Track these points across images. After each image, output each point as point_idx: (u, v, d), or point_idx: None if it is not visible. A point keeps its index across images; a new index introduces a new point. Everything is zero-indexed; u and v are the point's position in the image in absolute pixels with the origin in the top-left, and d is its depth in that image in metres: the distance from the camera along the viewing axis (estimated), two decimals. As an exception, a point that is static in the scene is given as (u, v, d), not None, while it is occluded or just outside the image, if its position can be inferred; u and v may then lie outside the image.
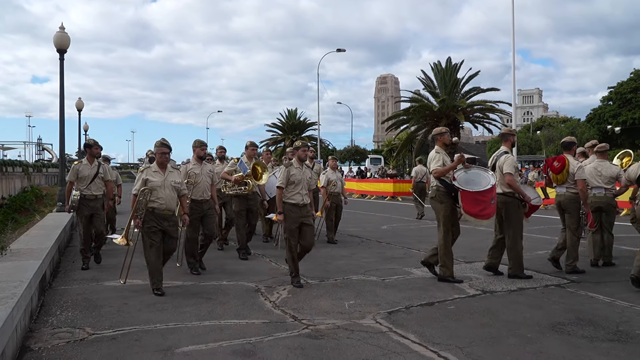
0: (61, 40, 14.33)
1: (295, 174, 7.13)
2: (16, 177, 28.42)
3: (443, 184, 7.27)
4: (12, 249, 7.20)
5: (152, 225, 6.66)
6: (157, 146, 6.90)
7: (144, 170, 6.81)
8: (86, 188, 8.45)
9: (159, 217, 6.69)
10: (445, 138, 7.53)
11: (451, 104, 33.63)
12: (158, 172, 6.81)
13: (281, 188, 7.09)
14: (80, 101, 29.94)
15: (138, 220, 6.60)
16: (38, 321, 5.50)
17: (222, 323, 5.40)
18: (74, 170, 8.50)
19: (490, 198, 7.11)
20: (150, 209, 6.64)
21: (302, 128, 61.36)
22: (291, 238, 7.12)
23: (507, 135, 7.93)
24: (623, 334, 5.03)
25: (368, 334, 5.02)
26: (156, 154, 6.93)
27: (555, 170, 7.95)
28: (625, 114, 60.91)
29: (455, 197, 7.26)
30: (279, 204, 7.11)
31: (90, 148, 8.73)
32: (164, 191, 6.71)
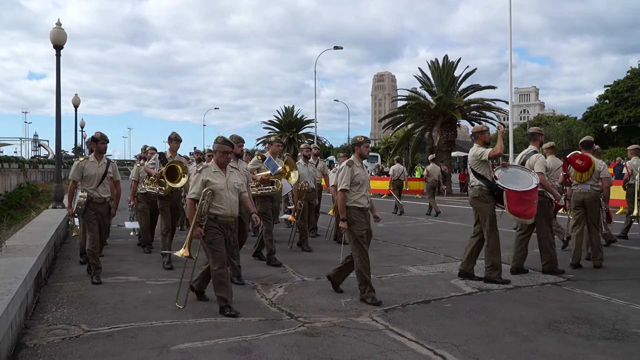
0: (58, 36, 14.27)
1: (359, 173, 6.34)
2: (12, 173, 28.33)
3: (486, 183, 7.15)
4: (7, 246, 7.17)
5: (217, 234, 5.73)
6: (219, 142, 5.94)
7: (201, 170, 5.81)
8: (93, 190, 7.35)
9: (223, 224, 5.79)
10: (486, 136, 7.41)
11: (448, 102, 33.58)
12: (219, 172, 5.86)
13: (345, 190, 6.23)
14: (76, 97, 29.86)
15: (200, 229, 5.67)
16: (33, 318, 5.48)
17: (218, 320, 5.38)
18: (78, 168, 7.35)
19: (534, 197, 7.16)
20: (212, 215, 5.72)
21: (299, 125, 61.29)
22: (364, 245, 6.24)
23: (535, 135, 7.94)
24: (619, 332, 5.03)
25: (364, 332, 5.01)
26: (215, 152, 5.99)
27: (581, 168, 8.19)
28: (622, 112, 61.06)
29: (496, 197, 7.18)
30: (343, 208, 6.24)
31: (96, 142, 7.59)
32: (227, 195, 5.80)
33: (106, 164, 7.56)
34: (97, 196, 7.36)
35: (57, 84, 14.52)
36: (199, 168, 5.93)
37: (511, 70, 24.58)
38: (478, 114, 35.22)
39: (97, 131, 7.65)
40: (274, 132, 60.86)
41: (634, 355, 4.53)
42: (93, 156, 7.54)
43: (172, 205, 8.43)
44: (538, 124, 72.15)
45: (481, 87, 35.50)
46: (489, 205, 7.16)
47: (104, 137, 7.67)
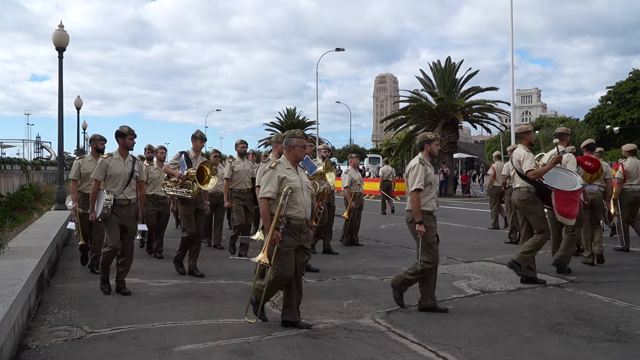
0: (60, 38, 14.30)
1: (431, 173, 5.90)
2: (15, 175, 28.40)
3: (533, 184, 7.09)
4: (10, 247, 7.17)
5: (291, 241, 5.12)
6: (299, 137, 5.33)
7: (275, 166, 5.22)
8: (119, 191, 6.62)
9: (297, 229, 5.19)
10: (531, 137, 7.40)
11: (450, 104, 33.58)
12: (292, 169, 5.28)
13: (420, 190, 5.75)
14: (79, 99, 29.88)
15: (277, 232, 5.05)
16: (36, 319, 5.49)
17: (220, 322, 5.38)
18: (102, 166, 6.60)
19: (579, 198, 7.32)
20: (285, 218, 5.14)
21: (301, 127, 61.25)
22: (435, 254, 5.96)
23: (564, 135, 7.89)
24: (622, 334, 5.02)
25: (367, 334, 5.01)
26: (294, 147, 5.29)
27: (592, 170, 8.52)
28: (624, 114, 60.96)
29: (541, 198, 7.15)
30: (418, 211, 5.73)
31: (123, 138, 6.78)
32: (303, 195, 5.22)
33: (132, 162, 6.82)
34: (122, 198, 6.61)
35: (59, 86, 14.54)
36: (272, 164, 5.31)
37: (513, 72, 24.61)
38: (480, 116, 35.23)
39: (124, 125, 6.83)
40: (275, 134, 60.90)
41: (637, 357, 4.52)
42: (117, 153, 6.75)
43: (198, 209, 7.71)
44: (540, 126, 72.08)
45: (483, 88, 35.48)
46: (538, 206, 7.14)
47: (132, 132, 6.84)
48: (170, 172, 7.74)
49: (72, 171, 8.01)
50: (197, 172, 7.31)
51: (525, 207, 7.19)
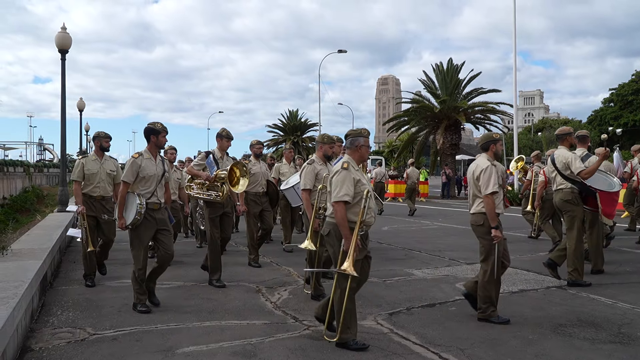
0: (63, 40, 14.35)
1: (499, 174, 5.55)
2: (17, 177, 28.45)
3: (578, 186, 7.10)
4: (13, 249, 7.19)
5: (362, 250, 4.71)
6: (365, 135, 4.99)
7: (348, 167, 4.71)
8: (151, 193, 5.94)
9: (364, 236, 4.84)
10: (572, 138, 7.42)
11: (452, 105, 33.55)
12: (359, 171, 4.88)
13: (495, 193, 5.39)
14: (81, 101, 29.97)
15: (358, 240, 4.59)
16: (39, 321, 5.50)
17: (223, 324, 5.39)
18: (134, 167, 5.87)
19: (618, 198, 7.50)
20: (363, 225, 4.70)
21: (303, 129, 61.30)
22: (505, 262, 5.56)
23: (586, 137, 7.89)
24: (625, 336, 5.01)
25: (369, 335, 5.00)
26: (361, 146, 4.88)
27: None
28: (627, 115, 60.88)
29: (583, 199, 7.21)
30: (494, 215, 5.37)
31: (156, 135, 6.06)
32: (372, 200, 4.83)
33: (162, 162, 6.17)
34: (154, 201, 5.96)
35: (62, 88, 14.58)
36: (343, 164, 4.74)
37: (515, 74, 24.59)
38: (482, 117, 35.18)
39: (156, 122, 6.13)
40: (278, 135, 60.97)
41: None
42: (148, 152, 6.05)
43: (225, 213, 7.24)
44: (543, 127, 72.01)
45: (485, 90, 35.45)
46: (580, 207, 7.18)
47: (166, 129, 6.13)
48: (196, 173, 7.19)
49: (74, 172, 7.32)
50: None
51: (567, 207, 7.26)
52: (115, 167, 7.56)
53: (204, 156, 7.26)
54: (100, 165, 7.33)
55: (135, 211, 5.77)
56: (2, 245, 7.04)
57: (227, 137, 7.40)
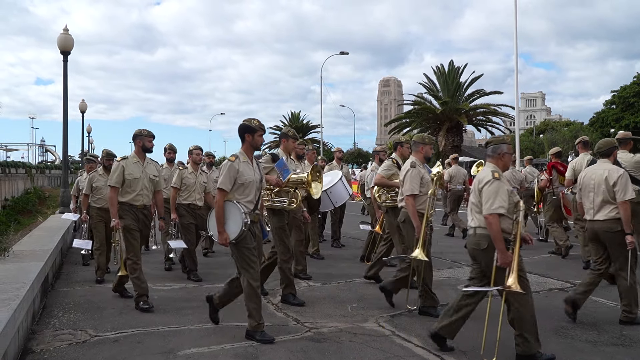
0: (65, 42, 14.37)
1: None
2: (19, 179, 28.48)
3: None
4: (14, 251, 7.19)
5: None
6: (508, 143, 4.80)
7: (500, 178, 4.48)
8: (251, 202, 5.14)
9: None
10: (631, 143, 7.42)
11: (454, 107, 33.60)
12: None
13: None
14: (83, 103, 29.98)
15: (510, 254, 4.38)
16: (40, 323, 5.50)
17: (225, 326, 5.38)
18: (232, 172, 5.02)
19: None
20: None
21: (305, 131, 61.39)
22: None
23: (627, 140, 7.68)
24: (627, 338, 5.00)
25: (371, 337, 5.00)
26: (504, 154, 4.66)
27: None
28: (628, 117, 60.73)
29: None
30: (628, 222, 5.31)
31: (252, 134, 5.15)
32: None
33: (257, 165, 5.39)
34: (256, 213, 5.25)
35: (64, 90, 14.59)
36: (495, 174, 4.49)
37: (517, 76, 24.54)
38: (484, 119, 35.22)
39: (252, 118, 5.28)
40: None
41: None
42: (243, 154, 5.20)
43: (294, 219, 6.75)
44: (545, 129, 71.96)
45: (487, 92, 35.52)
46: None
47: (263, 127, 5.32)
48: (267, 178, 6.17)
49: (112, 176, 6.29)
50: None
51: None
52: (157, 171, 6.63)
53: (269, 158, 6.37)
54: (143, 169, 6.37)
55: (242, 222, 4.92)
56: (3, 247, 7.04)
57: (294, 138, 6.66)
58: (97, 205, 7.89)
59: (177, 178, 7.84)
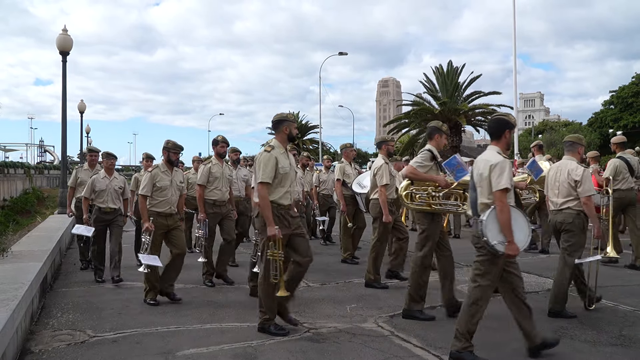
0: (64, 42, 14.37)
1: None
2: (18, 179, 28.41)
3: None
4: (13, 251, 7.19)
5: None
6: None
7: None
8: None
9: None
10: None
11: (453, 108, 33.61)
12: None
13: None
14: (82, 103, 29.96)
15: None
16: (39, 323, 5.49)
17: (224, 326, 5.38)
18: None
19: None
20: None
21: (304, 131, 61.27)
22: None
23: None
24: (626, 339, 5.00)
25: (370, 338, 4.99)
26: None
27: None
28: (627, 117, 60.76)
29: None
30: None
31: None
32: None
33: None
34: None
35: (63, 90, 14.60)
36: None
37: (516, 76, 24.54)
38: (483, 120, 35.23)
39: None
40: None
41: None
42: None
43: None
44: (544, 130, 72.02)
45: (486, 92, 35.59)
46: None
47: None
48: (429, 177, 5.70)
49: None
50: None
51: None
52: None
53: (429, 156, 5.77)
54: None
55: (527, 229, 4.43)
56: (2, 247, 7.04)
57: (447, 134, 6.22)
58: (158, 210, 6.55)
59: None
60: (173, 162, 6.60)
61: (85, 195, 7.73)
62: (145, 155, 9.09)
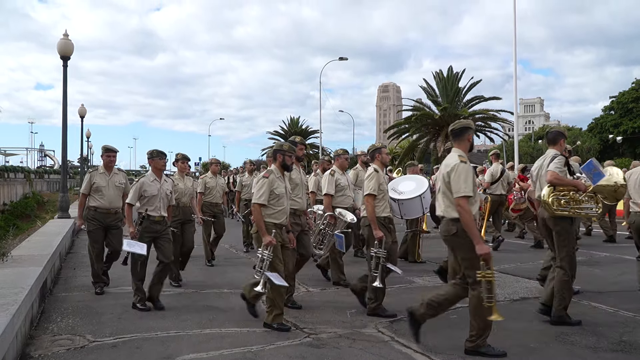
0: (65, 47, 14.39)
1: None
2: (18, 183, 28.45)
3: None
4: (13, 256, 7.18)
5: None
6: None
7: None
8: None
9: None
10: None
11: (453, 113, 33.64)
12: None
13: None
14: (83, 108, 29.94)
15: None
16: (38, 328, 5.48)
17: (224, 331, 5.37)
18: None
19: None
20: None
21: (305, 136, 61.32)
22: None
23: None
24: (627, 344, 4.99)
25: (370, 343, 4.98)
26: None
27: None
28: (627, 123, 60.89)
29: None
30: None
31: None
32: None
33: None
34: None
35: (63, 95, 14.61)
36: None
37: (516, 81, 24.59)
38: (483, 125, 35.27)
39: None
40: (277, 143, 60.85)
41: (643, 367, 4.49)
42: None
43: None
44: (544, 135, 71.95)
45: (486, 98, 35.61)
46: None
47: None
48: (573, 183, 5.69)
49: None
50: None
51: None
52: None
53: (563, 160, 5.69)
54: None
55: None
56: (2, 252, 7.03)
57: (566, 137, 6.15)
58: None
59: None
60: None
61: (131, 202, 6.55)
62: (181, 155, 8.37)
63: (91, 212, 7.23)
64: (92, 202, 7.21)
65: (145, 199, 6.48)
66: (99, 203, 7.19)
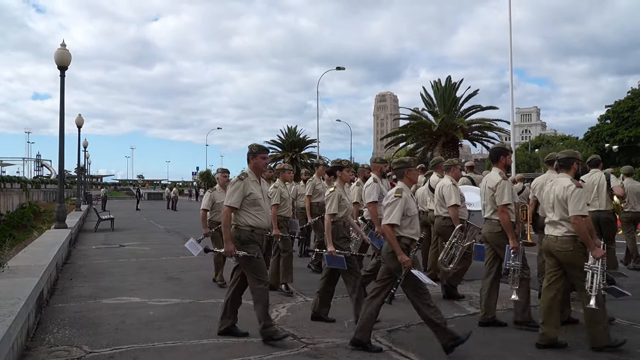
0: (62, 57, 14.41)
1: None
2: (14, 193, 28.36)
3: None
4: (9, 266, 7.15)
5: None
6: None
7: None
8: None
9: None
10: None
11: (450, 122, 33.75)
12: None
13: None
14: (80, 118, 29.92)
15: None
16: (35, 339, 5.46)
17: (221, 341, 5.35)
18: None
19: None
20: None
21: (302, 145, 61.45)
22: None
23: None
24: (623, 353, 4.99)
25: (367, 353, 4.98)
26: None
27: None
28: (622, 132, 61.16)
29: None
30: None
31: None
32: None
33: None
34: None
35: (60, 105, 14.61)
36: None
37: (512, 91, 24.70)
38: (480, 134, 35.36)
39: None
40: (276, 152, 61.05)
41: (640, 376, 4.49)
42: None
43: None
44: (540, 144, 72.24)
45: (483, 107, 35.72)
46: None
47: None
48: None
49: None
50: None
51: None
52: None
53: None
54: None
55: None
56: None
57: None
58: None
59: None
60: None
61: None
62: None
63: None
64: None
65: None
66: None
